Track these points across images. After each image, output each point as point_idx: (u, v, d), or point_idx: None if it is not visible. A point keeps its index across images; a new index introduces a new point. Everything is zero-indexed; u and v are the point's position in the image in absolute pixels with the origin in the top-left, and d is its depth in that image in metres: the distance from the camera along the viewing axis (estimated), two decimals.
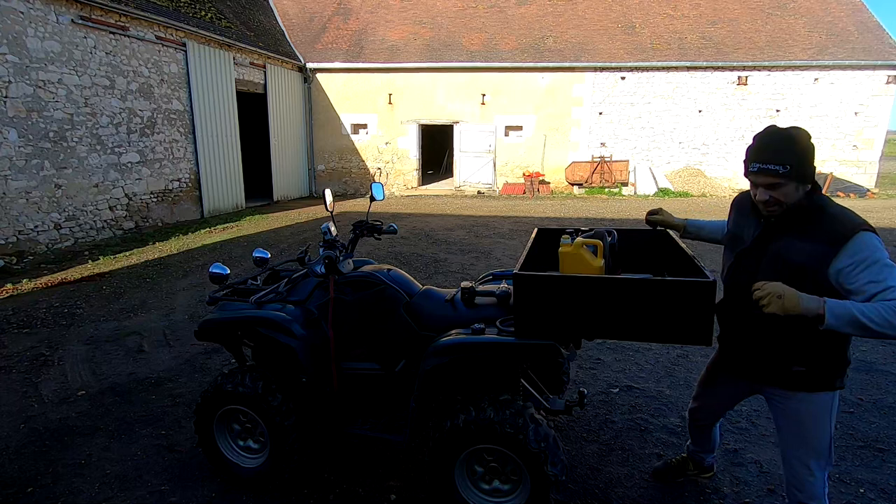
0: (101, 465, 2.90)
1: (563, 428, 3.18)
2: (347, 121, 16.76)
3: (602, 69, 15.46)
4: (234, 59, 12.66)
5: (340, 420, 2.58)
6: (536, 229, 2.71)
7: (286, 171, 15.51)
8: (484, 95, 16.03)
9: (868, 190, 15.09)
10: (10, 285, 6.39)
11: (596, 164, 15.88)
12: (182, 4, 11.42)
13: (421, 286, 2.76)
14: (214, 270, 2.65)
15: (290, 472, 2.60)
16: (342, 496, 2.60)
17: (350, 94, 16.51)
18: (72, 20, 8.44)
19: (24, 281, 6.59)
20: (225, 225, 10.91)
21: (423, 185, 17.53)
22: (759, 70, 15.06)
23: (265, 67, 14.05)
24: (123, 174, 9.68)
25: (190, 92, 11.20)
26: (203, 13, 12.11)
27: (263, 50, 13.71)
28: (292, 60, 15.37)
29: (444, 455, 2.24)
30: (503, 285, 2.61)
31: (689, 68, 15.24)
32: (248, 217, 11.99)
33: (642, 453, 2.95)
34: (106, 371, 4.09)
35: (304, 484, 2.68)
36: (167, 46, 10.53)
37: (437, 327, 2.45)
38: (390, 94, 16.35)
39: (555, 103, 15.87)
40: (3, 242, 7.55)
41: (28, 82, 7.81)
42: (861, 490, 2.65)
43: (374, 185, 2.97)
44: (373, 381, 2.62)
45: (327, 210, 2.77)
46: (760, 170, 1.76)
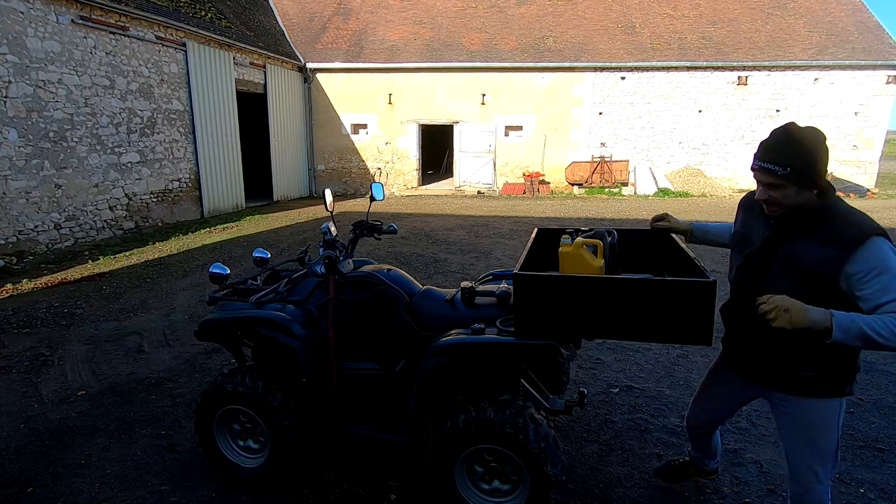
0: (101, 465, 2.90)
1: (563, 428, 3.18)
2: (347, 121, 16.75)
3: (602, 69, 15.46)
4: (234, 59, 12.66)
5: (340, 420, 2.58)
6: (536, 229, 2.71)
7: (286, 171, 15.50)
8: (484, 95, 16.03)
9: (868, 190, 15.09)
10: (10, 285, 6.39)
11: (596, 164, 15.88)
12: (182, 4, 11.42)
13: (421, 286, 2.76)
14: (214, 270, 2.65)
15: (290, 472, 2.60)
16: (342, 496, 2.60)
17: (350, 94, 16.51)
18: (72, 20, 8.44)
19: (24, 281, 6.60)
20: (225, 225, 10.91)
21: (423, 185, 17.53)
22: (759, 70, 15.07)
23: (265, 67, 14.05)
24: (123, 174, 9.68)
25: (190, 92, 11.20)
26: (203, 13, 12.11)
27: (263, 50, 13.71)
28: (292, 60, 15.37)
29: (444, 455, 2.24)
30: (503, 285, 2.60)
31: (689, 68, 15.24)
32: (248, 217, 11.99)
33: (642, 453, 2.95)
34: (106, 371, 4.09)
35: (304, 484, 2.68)
36: (167, 46, 10.53)
37: (437, 327, 2.45)
38: (390, 94, 16.34)
39: (555, 103, 15.87)
40: (3, 242, 7.55)
41: (28, 82, 7.81)
42: (861, 490, 2.64)
43: (374, 185, 2.97)
44: (373, 381, 2.61)
45: (327, 210, 2.77)
46: (760, 168, 1.74)
